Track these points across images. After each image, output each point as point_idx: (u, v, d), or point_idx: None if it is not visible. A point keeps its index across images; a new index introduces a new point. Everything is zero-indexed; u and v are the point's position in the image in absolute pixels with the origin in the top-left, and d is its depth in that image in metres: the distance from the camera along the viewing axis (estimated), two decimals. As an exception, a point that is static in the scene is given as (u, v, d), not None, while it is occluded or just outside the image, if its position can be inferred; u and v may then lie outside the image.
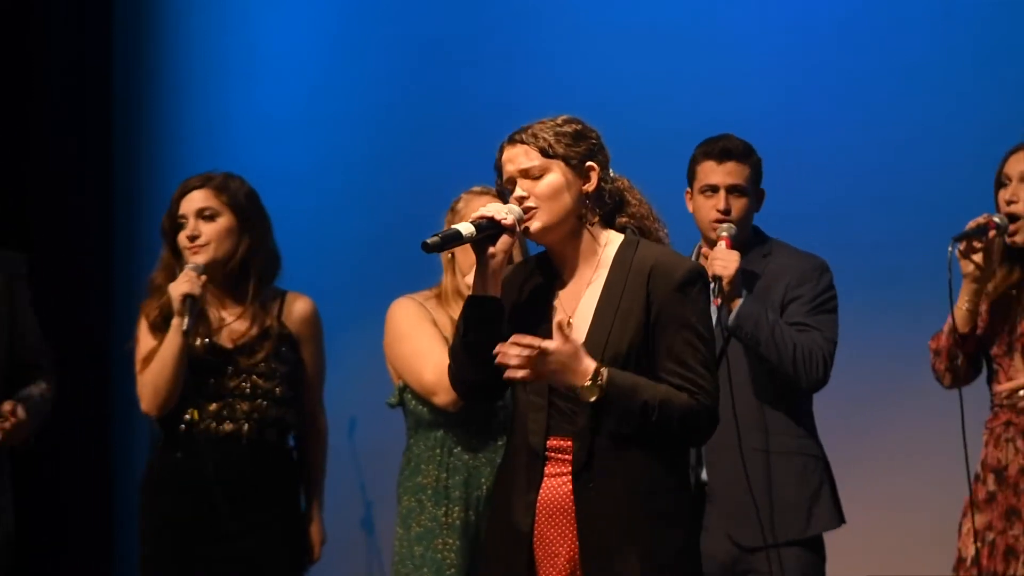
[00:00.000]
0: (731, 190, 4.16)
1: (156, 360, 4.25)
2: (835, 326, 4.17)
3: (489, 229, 3.18)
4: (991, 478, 3.97)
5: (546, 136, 3.19)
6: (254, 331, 4.35)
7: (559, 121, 3.23)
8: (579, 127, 3.23)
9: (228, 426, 4.31)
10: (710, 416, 3.15)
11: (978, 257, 3.94)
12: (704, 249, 4.22)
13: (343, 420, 5.71)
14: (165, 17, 6.26)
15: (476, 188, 4.20)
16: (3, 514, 4.18)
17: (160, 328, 4.29)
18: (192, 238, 4.30)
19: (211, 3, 6.22)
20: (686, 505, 3.23)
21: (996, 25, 5.13)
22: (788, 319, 4.11)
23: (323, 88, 6.02)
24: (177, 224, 4.34)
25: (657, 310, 3.14)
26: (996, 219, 3.96)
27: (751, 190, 4.19)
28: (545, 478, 3.18)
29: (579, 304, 3.22)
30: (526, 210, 3.19)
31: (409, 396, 4.23)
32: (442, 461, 4.17)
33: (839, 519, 4.19)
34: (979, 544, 3.93)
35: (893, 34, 5.25)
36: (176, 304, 4.19)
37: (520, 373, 3.07)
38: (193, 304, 4.19)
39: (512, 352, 3.06)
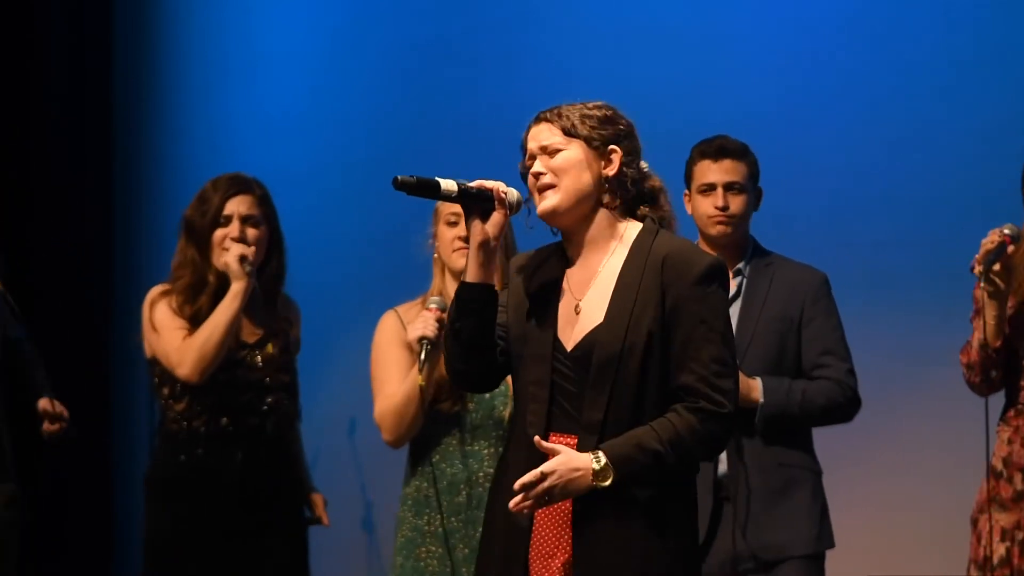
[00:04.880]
0: (728, 187, 4.17)
1: (208, 326, 4.28)
2: (846, 341, 4.15)
3: (478, 198, 3.09)
4: (1017, 476, 3.95)
5: (571, 116, 3.13)
6: (273, 333, 4.44)
7: (589, 105, 3.16)
8: (609, 112, 3.17)
9: (253, 420, 4.37)
10: (725, 421, 3.03)
11: (1000, 277, 3.90)
12: None
13: (343, 420, 5.71)
14: (165, 17, 6.26)
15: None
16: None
17: (192, 320, 4.33)
18: (239, 240, 4.35)
19: (211, 3, 6.22)
20: (689, 511, 3.12)
21: (996, 25, 5.12)
22: (808, 346, 4.11)
23: (323, 88, 6.02)
24: (216, 221, 4.37)
25: (672, 303, 3.04)
26: (1007, 231, 3.91)
27: (749, 188, 4.20)
28: None
29: (590, 288, 3.11)
30: (542, 188, 3.10)
31: None
32: (422, 472, 4.20)
33: (832, 539, 4.19)
34: (1009, 543, 3.90)
35: (893, 34, 5.24)
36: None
37: (539, 507, 3.00)
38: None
39: (522, 499, 2.98)
